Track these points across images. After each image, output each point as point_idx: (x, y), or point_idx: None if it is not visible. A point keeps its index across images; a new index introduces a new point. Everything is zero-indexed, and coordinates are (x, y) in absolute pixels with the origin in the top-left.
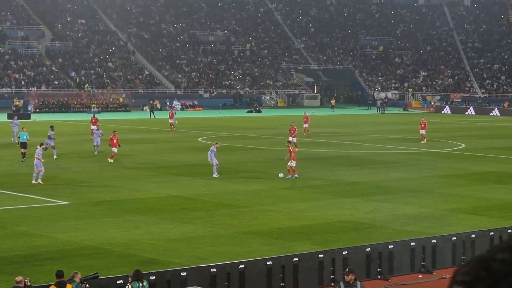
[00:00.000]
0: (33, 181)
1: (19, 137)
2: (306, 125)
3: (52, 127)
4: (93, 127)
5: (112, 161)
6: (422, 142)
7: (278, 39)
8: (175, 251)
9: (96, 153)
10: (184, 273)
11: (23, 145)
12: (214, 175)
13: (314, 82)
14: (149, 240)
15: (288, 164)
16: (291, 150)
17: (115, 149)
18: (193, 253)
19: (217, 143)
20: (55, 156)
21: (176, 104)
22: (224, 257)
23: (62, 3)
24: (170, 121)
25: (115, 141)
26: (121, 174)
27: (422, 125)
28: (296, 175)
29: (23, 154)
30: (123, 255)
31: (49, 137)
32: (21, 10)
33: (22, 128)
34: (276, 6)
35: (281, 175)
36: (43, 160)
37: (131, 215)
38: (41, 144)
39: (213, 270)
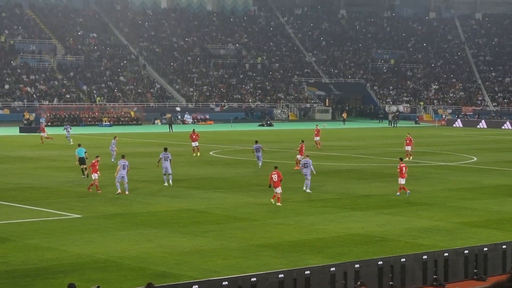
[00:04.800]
0: (119, 191)
1: (77, 154)
2: (317, 138)
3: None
4: (194, 144)
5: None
6: (407, 158)
7: (289, 53)
8: (187, 264)
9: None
10: (196, 286)
11: (82, 160)
12: (307, 190)
13: (326, 96)
14: (161, 253)
15: (399, 181)
16: (401, 167)
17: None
18: (205, 266)
19: (307, 155)
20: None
21: (188, 117)
22: (236, 270)
23: (73, 17)
24: (43, 134)
25: (275, 178)
26: (133, 187)
27: (408, 141)
28: (399, 193)
29: (83, 170)
30: (135, 268)
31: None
32: (33, 24)
33: (78, 145)
34: (287, 19)
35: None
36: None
37: (143, 228)
38: (123, 156)
39: (225, 283)
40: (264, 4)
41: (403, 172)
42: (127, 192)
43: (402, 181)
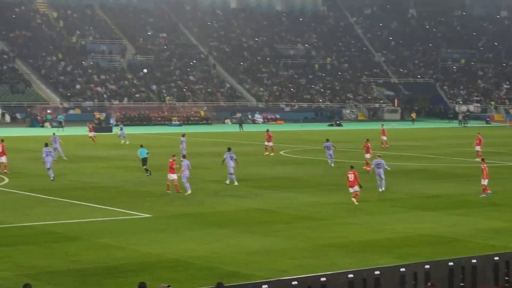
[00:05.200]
0: (189, 192)
1: (139, 154)
2: (384, 138)
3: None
4: (268, 143)
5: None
6: (477, 159)
7: (358, 53)
8: (256, 264)
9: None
10: (266, 286)
11: (144, 161)
12: (381, 189)
13: (395, 96)
14: (230, 253)
15: (482, 182)
16: (484, 167)
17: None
18: (274, 266)
19: (379, 156)
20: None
21: (258, 117)
22: (305, 270)
23: (143, 17)
24: (91, 134)
25: (351, 178)
26: (202, 187)
27: (478, 141)
28: (484, 195)
29: (146, 170)
30: (204, 268)
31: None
32: (104, 25)
33: (140, 145)
34: (356, 19)
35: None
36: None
37: (212, 228)
38: (184, 156)
39: (294, 283)
40: (333, 4)
41: (486, 172)
42: (189, 191)
43: (485, 182)
